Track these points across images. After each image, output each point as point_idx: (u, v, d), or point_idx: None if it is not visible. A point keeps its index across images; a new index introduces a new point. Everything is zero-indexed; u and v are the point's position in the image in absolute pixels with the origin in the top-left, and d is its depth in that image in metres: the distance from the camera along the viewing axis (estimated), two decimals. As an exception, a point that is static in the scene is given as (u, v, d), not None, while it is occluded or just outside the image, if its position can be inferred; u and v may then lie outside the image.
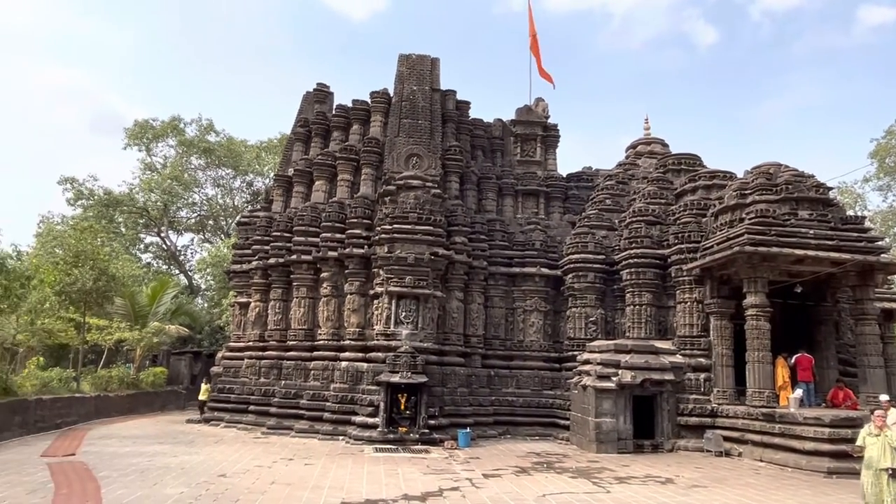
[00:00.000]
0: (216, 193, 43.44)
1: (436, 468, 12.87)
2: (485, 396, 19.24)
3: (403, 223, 18.39)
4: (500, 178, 22.42)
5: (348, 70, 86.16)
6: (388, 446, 15.67)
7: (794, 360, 15.78)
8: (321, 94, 23.95)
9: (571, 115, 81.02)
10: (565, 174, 23.91)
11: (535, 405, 19.45)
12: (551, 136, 23.74)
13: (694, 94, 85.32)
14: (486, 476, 12.06)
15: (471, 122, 22.98)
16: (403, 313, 18.05)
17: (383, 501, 9.62)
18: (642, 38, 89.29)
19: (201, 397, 22.21)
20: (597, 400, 15.78)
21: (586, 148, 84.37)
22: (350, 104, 22.49)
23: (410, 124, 20.33)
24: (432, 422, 16.91)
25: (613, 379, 15.83)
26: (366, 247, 19.07)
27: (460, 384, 18.68)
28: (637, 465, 13.65)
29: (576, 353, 18.74)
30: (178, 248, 44.35)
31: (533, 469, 13.08)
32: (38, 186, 71.61)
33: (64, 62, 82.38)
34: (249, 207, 33.89)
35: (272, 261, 20.75)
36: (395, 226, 18.36)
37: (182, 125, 41.84)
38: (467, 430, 16.85)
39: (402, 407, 16.77)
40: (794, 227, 15.05)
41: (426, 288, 18.11)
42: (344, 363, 18.35)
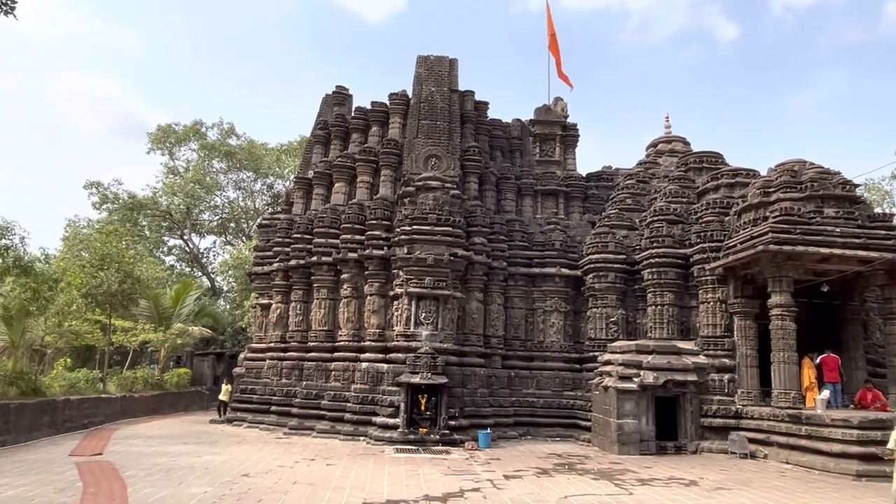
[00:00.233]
0: (237, 196, 43.97)
1: (456, 469, 12.87)
2: (505, 397, 19.18)
3: (423, 224, 18.42)
4: (518, 178, 22.35)
5: (367, 72, 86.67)
6: (409, 447, 15.70)
7: (819, 361, 15.50)
8: (340, 97, 24.11)
9: (591, 114, 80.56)
10: (585, 174, 23.74)
11: (555, 406, 19.35)
12: (570, 136, 23.60)
13: (715, 91, 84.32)
14: (507, 477, 12.02)
15: (489, 122, 22.94)
16: (423, 314, 18.07)
17: (404, 502, 9.63)
18: (661, 35, 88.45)
19: (222, 398, 22.49)
20: (618, 401, 15.65)
21: (606, 147, 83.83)
22: (369, 106, 22.60)
23: (429, 125, 20.36)
24: (452, 422, 16.91)
25: (635, 380, 15.68)
26: (385, 248, 19.14)
27: (480, 385, 18.65)
28: (660, 467, 13.51)
29: (596, 353, 18.61)
30: (201, 251, 44.99)
31: (554, 470, 13.01)
32: (65, 191, 73.18)
33: (87, 69, 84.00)
34: (270, 210, 34.17)
35: (293, 262, 20.93)
36: (415, 227, 18.40)
37: (204, 129, 42.43)
38: (488, 431, 16.81)
39: (423, 408, 16.80)
40: (819, 225, 14.79)
41: (446, 289, 18.12)
42: (364, 364, 18.43)
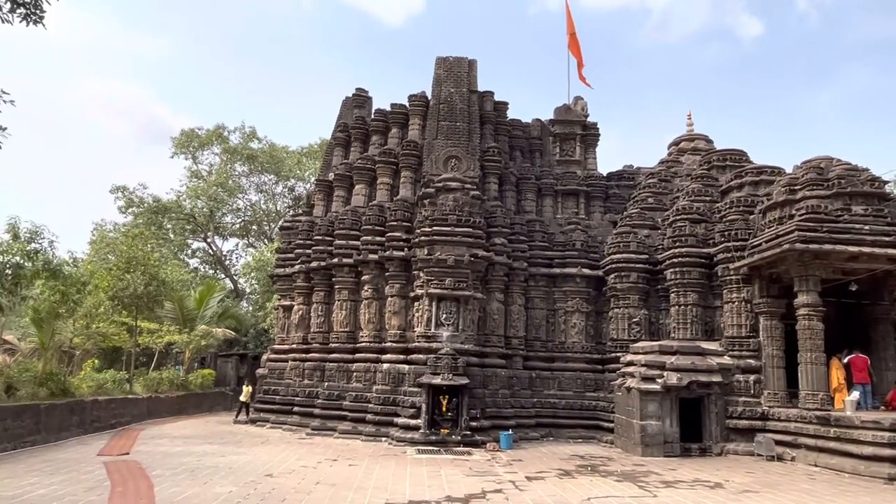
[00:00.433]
0: (259, 199, 44.43)
1: (478, 470, 12.85)
2: (526, 398, 19.11)
3: (443, 225, 18.43)
4: (539, 178, 22.26)
5: (386, 74, 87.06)
6: (430, 448, 15.72)
7: (847, 361, 15.18)
8: (360, 99, 24.25)
9: (611, 113, 79.95)
10: (606, 173, 23.57)
11: (577, 407, 19.23)
12: (591, 135, 23.44)
13: (739, 88, 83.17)
14: (529, 478, 11.97)
15: (509, 122, 22.89)
16: (444, 315, 18.09)
17: (426, 503, 9.64)
18: (683, 32, 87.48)
19: (242, 399, 22.75)
20: (641, 402, 15.50)
21: (627, 146, 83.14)
22: (388, 108, 22.70)
23: (448, 126, 20.37)
24: (474, 423, 16.89)
25: (658, 381, 15.52)
26: (406, 249, 19.19)
27: (501, 386, 18.61)
28: (684, 469, 13.34)
29: (619, 354, 18.45)
30: (224, 253, 45.52)
31: (577, 472, 12.93)
32: (92, 195, 74.61)
33: (114, 76, 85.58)
34: (291, 212, 34.47)
35: (314, 264, 21.08)
36: (435, 228, 18.42)
37: (226, 133, 42.97)
38: (509, 432, 16.76)
39: (444, 409, 16.80)
40: (847, 222, 14.48)
41: (466, 290, 18.11)
42: (385, 365, 18.50)
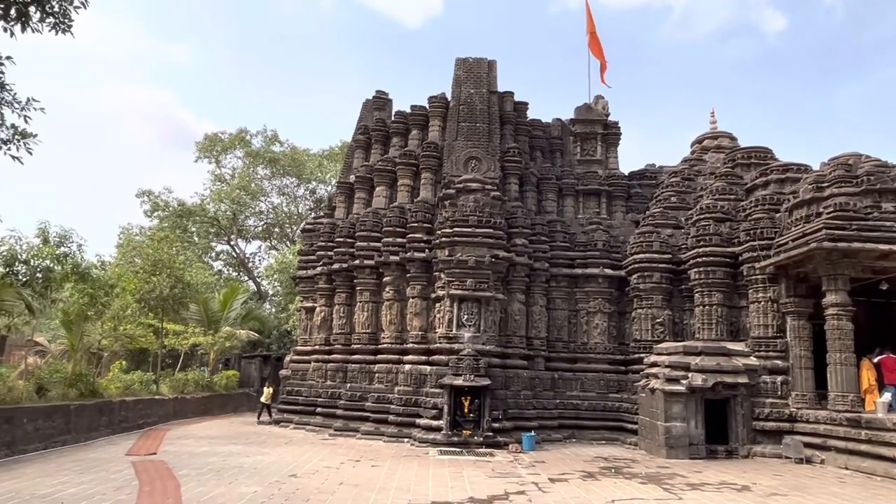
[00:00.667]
0: (281, 202, 44.86)
1: (501, 471, 12.81)
2: (549, 399, 19.01)
3: (463, 226, 18.42)
4: (560, 178, 22.15)
5: (406, 76, 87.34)
6: (453, 449, 15.71)
7: (878, 362, 14.83)
8: (380, 102, 24.35)
9: (633, 111, 79.22)
10: (627, 172, 23.35)
11: (600, 409, 19.08)
12: (612, 134, 23.25)
13: (763, 84, 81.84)
14: (552, 480, 11.90)
15: (529, 122, 22.80)
16: (465, 316, 18.08)
17: (449, 504, 9.64)
18: (705, 29, 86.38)
19: (263, 400, 22.98)
20: (666, 403, 15.32)
21: (649, 145, 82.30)
22: (408, 110, 22.76)
23: (468, 127, 20.37)
24: (496, 425, 16.85)
25: (683, 382, 15.33)
26: (427, 250, 19.22)
27: (524, 387, 18.54)
28: (710, 472, 13.15)
29: (642, 355, 18.26)
30: (247, 256, 46.02)
31: (600, 474, 12.82)
32: (119, 200, 76.08)
33: (139, 82, 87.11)
34: (313, 215, 34.74)
35: (336, 266, 21.21)
36: (456, 229, 18.42)
37: (248, 137, 43.48)
38: (532, 434, 16.68)
39: (466, 410, 16.79)
40: (877, 220, 14.15)
41: (487, 290, 18.08)
42: (407, 366, 18.54)
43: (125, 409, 18.18)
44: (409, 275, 19.44)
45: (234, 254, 45.12)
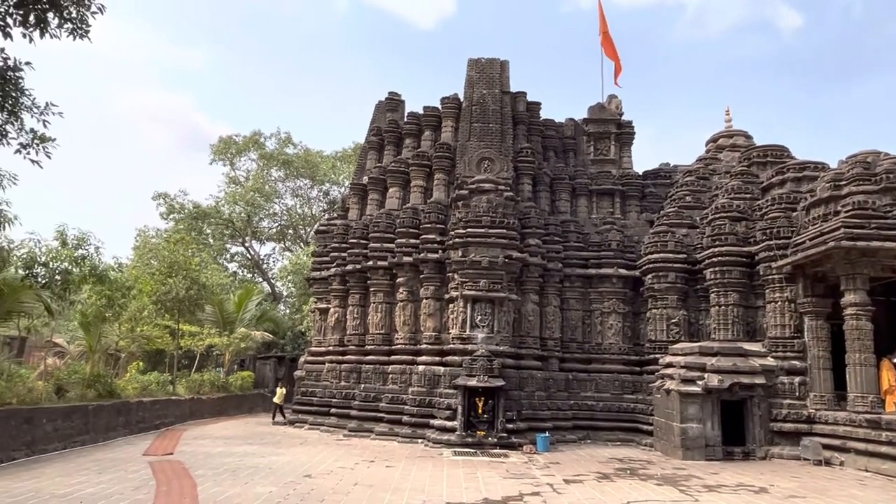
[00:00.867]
0: (295, 203, 45.09)
1: (515, 472, 12.78)
2: (563, 400, 18.94)
3: (476, 227, 18.41)
4: (573, 178, 22.06)
5: (419, 78, 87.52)
6: (467, 450, 15.70)
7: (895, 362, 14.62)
8: (393, 103, 24.41)
9: (647, 111, 78.74)
10: (641, 172, 23.23)
11: (615, 409, 18.98)
12: (625, 134, 23.13)
13: (779, 82, 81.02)
14: (567, 481, 11.85)
15: (542, 122, 22.75)
16: (479, 317, 18.06)
17: (464, 505, 9.63)
18: (720, 27, 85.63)
19: (276, 400, 23.10)
20: (681, 404, 15.20)
21: (663, 145, 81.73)
22: (421, 111, 22.80)
23: (481, 128, 20.35)
24: (510, 426, 16.81)
25: (699, 383, 15.20)
26: (440, 251, 19.22)
27: (538, 388, 18.49)
28: (727, 473, 13.03)
29: (657, 355, 18.14)
30: (262, 257, 46.32)
31: (616, 475, 12.75)
32: (136, 202, 76.96)
33: (156, 86, 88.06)
34: (327, 216, 34.82)
35: (349, 267, 21.29)
36: (469, 230, 18.41)
37: (262, 139, 43.78)
38: (546, 435, 16.63)
39: (480, 411, 16.77)
40: (896, 218, 13.96)
41: (501, 291, 18.05)
42: (421, 367, 18.56)
43: (142, 410, 18.37)
44: (422, 276, 19.46)
45: (248, 255, 45.43)
